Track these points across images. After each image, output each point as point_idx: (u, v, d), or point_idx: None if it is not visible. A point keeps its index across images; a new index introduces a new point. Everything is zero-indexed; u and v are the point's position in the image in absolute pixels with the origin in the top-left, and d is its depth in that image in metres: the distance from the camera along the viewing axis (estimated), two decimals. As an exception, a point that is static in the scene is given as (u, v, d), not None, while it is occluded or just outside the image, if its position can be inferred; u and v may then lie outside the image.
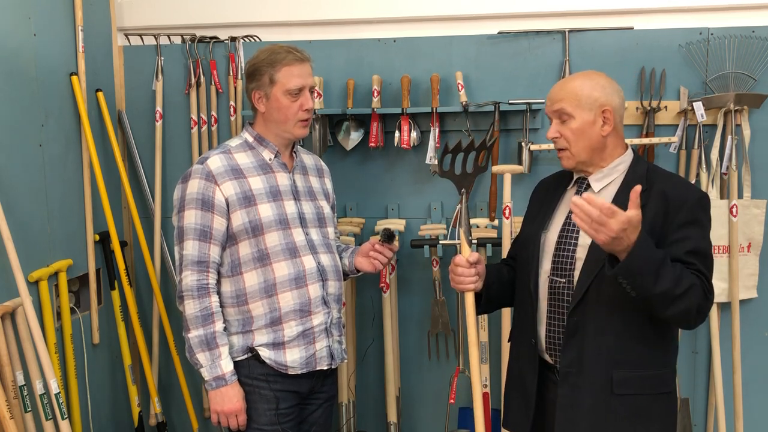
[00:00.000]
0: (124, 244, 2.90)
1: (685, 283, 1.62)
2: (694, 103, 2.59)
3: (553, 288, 1.82)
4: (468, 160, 1.95)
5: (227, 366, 1.99)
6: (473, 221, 2.77)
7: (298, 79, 2.03)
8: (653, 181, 1.77)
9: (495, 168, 2.60)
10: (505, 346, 2.58)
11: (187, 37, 2.91)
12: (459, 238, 1.90)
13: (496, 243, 2.62)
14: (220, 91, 2.94)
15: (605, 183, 1.82)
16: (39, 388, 2.14)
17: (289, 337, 2.03)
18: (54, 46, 2.51)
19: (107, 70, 2.89)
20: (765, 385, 2.78)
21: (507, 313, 2.62)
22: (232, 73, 2.90)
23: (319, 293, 2.07)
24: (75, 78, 2.60)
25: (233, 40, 2.90)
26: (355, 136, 2.82)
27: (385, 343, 2.82)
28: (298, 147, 2.22)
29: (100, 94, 2.77)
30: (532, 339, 1.86)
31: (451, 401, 2.75)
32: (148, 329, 2.97)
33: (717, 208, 2.60)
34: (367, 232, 2.87)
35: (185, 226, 2.01)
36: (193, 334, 1.98)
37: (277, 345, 2.03)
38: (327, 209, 2.20)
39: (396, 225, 2.77)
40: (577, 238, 1.79)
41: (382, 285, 2.78)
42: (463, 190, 1.94)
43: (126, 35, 2.97)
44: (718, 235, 2.61)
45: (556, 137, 1.81)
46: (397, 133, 2.73)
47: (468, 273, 1.86)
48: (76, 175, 2.64)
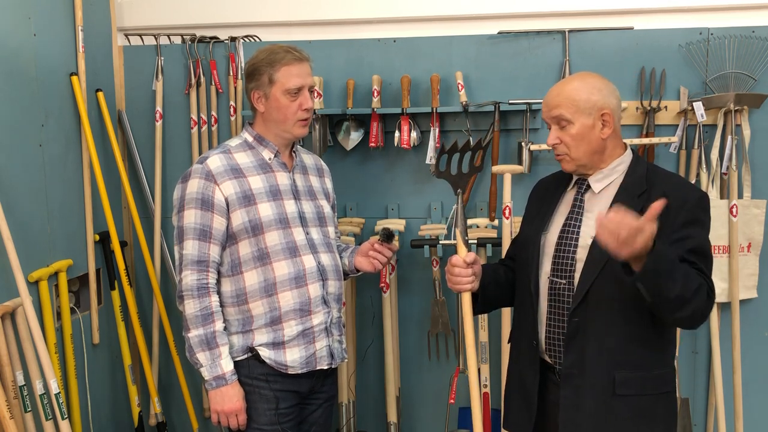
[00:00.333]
0: (124, 244, 2.90)
1: (693, 284, 1.62)
2: (694, 103, 2.59)
3: (553, 289, 1.81)
4: (464, 160, 1.95)
5: (227, 365, 1.99)
6: (473, 221, 2.78)
7: (297, 79, 2.03)
8: (653, 182, 1.77)
9: (495, 168, 2.60)
10: (506, 347, 2.57)
11: (187, 37, 2.91)
12: (455, 238, 1.90)
13: (496, 243, 2.62)
14: (220, 91, 2.94)
15: (605, 184, 1.82)
16: (39, 388, 2.14)
17: (289, 337, 2.03)
18: (54, 46, 2.51)
19: (107, 70, 2.90)
20: (765, 385, 2.78)
21: (507, 313, 2.62)
22: (232, 73, 2.90)
23: (319, 293, 2.06)
24: (75, 78, 2.60)
25: (233, 40, 2.90)
26: (355, 136, 2.82)
27: (385, 343, 2.82)
28: (298, 147, 2.22)
29: (100, 94, 2.77)
30: (534, 341, 1.85)
31: (451, 401, 2.75)
32: (148, 329, 2.97)
33: (717, 208, 2.59)
34: (367, 232, 2.87)
35: (185, 226, 2.01)
36: (193, 334, 1.98)
37: (277, 344, 2.03)
38: (327, 209, 2.20)
39: (396, 225, 2.77)
40: (577, 239, 1.79)
41: (382, 285, 2.78)
42: (459, 191, 1.94)
43: (126, 35, 2.97)
44: (718, 235, 2.61)
45: (557, 143, 1.80)
46: (397, 133, 2.74)
47: (465, 273, 1.85)
48: (76, 175, 2.64)
